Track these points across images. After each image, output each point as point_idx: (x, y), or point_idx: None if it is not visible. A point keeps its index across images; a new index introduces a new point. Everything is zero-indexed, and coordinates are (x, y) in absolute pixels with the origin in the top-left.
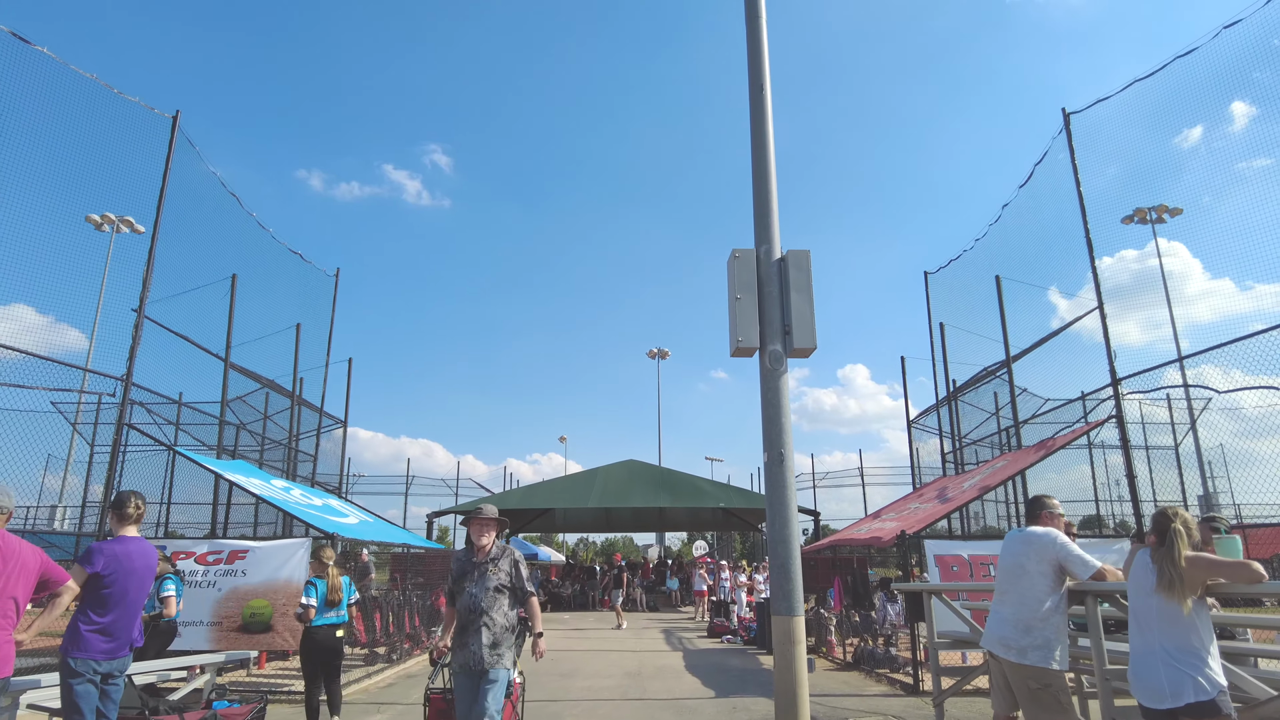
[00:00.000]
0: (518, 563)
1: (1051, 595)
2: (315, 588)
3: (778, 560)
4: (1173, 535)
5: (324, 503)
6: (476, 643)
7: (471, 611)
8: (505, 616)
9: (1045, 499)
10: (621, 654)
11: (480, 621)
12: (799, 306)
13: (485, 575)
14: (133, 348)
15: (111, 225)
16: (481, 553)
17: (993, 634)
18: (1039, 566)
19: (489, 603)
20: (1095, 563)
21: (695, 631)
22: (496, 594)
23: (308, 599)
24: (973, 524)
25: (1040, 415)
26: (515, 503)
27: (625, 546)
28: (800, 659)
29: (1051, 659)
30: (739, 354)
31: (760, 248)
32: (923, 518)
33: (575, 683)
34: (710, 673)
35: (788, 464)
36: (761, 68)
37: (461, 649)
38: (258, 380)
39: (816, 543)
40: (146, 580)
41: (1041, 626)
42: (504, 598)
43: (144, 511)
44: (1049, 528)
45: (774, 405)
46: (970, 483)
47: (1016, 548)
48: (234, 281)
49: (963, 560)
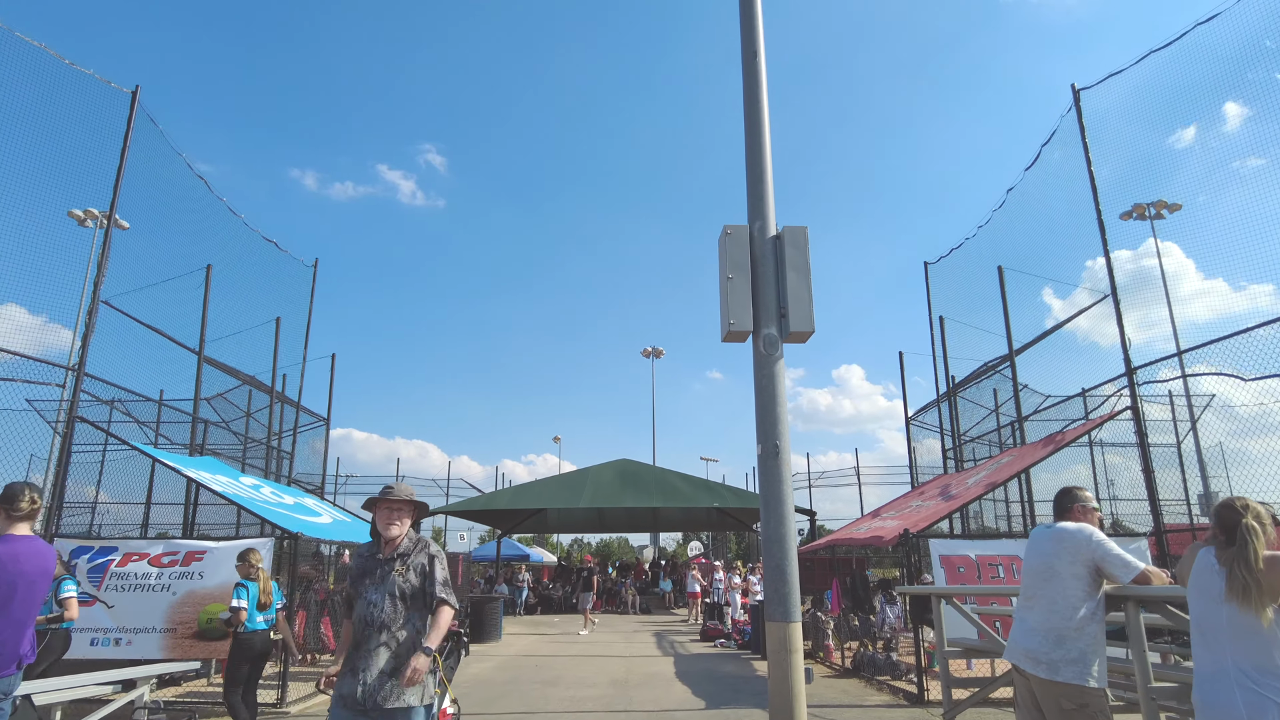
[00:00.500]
0: (434, 559)
1: (1087, 601)
2: (247, 590)
3: (773, 561)
4: (1245, 532)
5: (296, 501)
6: (370, 667)
7: (369, 624)
8: (415, 632)
9: (1077, 490)
10: (609, 659)
11: (379, 640)
12: (795, 287)
13: (390, 577)
14: (85, 335)
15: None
16: (389, 546)
17: (1018, 646)
18: (1072, 568)
19: (392, 614)
20: (1138, 564)
21: (688, 635)
22: (404, 602)
23: (239, 601)
24: (971, 524)
25: (1043, 410)
26: (505, 503)
27: (620, 548)
28: (797, 669)
29: (1088, 675)
30: (731, 339)
31: (754, 224)
32: (926, 516)
33: (557, 692)
34: (701, 680)
35: (783, 457)
36: (755, 34)
37: (349, 675)
38: (235, 375)
39: (813, 543)
40: (40, 585)
41: (1076, 637)
42: (416, 603)
43: (39, 507)
44: (1082, 523)
45: (768, 394)
46: (975, 479)
47: (1046, 546)
48: (208, 272)
49: (970, 561)
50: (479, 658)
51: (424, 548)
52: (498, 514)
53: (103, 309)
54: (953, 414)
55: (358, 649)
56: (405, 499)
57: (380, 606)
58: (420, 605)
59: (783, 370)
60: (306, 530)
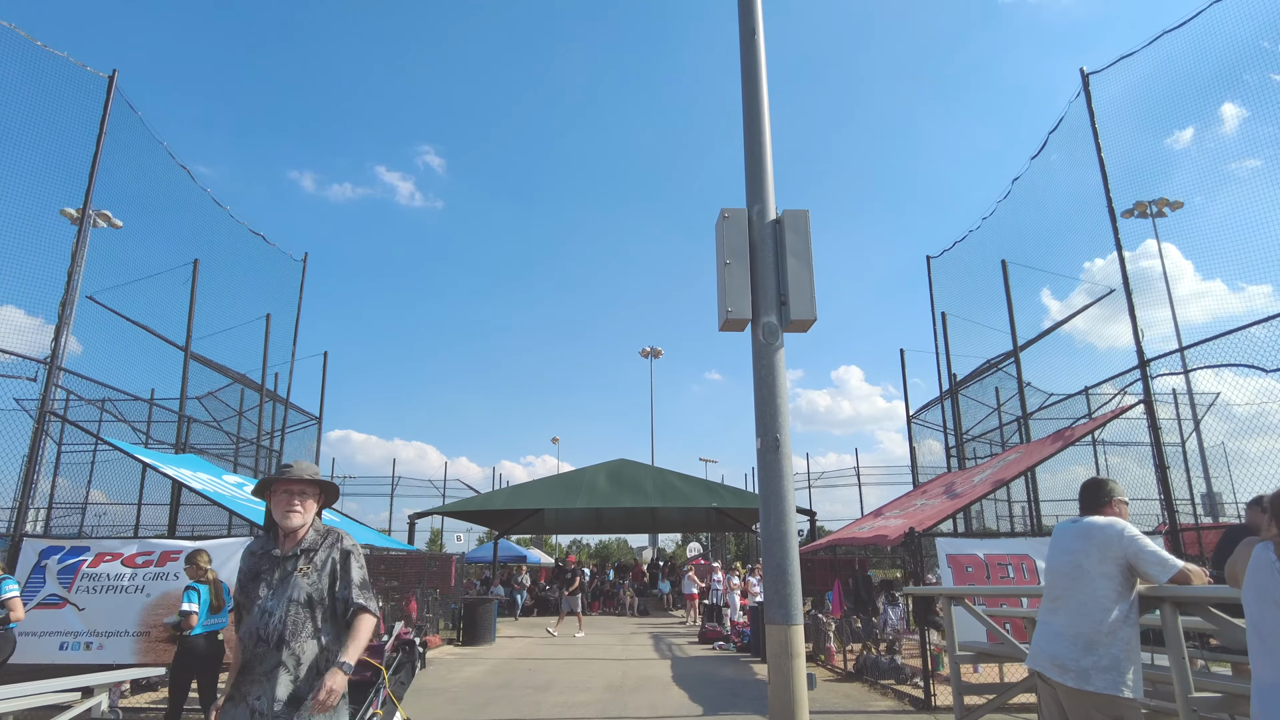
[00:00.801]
0: (349, 555)
1: (1119, 602)
2: (198, 593)
3: (773, 561)
4: None
5: None
6: (265, 695)
7: (261, 640)
8: (323, 648)
9: (1109, 482)
10: (605, 662)
11: (276, 659)
12: (797, 273)
13: (290, 579)
14: (59, 328)
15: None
16: (289, 541)
17: (1043, 651)
18: (1102, 566)
19: (293, 626)
20: (1176, 561)
21: (686, 637)
22: (308, 610)
23: (189, 604)
24: (973, 524)
25: (1047, 407)
26: (501, 503)
27: (619, 549)
28: (799, 675)
29: (1122, 684)
30: (728, 327)
31: (752, 207)
32: (932, 514)
33: (549, 697)
34: (699, 685)
35: (784, 451)
36: (753, 11)
37: (238, 704)
38: (225, 373)
39: (815, 542)
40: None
41: (1108, 642)
42: (320, 610)
43: None
44: (1113, 517)
45: (768, 385)
46: (981, 477)
47: (1072, 543)
48: (195, 267)
49: (978, 560)
50: (471, 660)
51: (335, 541)
52: (494, 515)
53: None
54: (955, 412)
55: (248, 672)
56: (309, 478)
57: (276, 616)
58: (331, 615)
59: (783, 360)
60: None
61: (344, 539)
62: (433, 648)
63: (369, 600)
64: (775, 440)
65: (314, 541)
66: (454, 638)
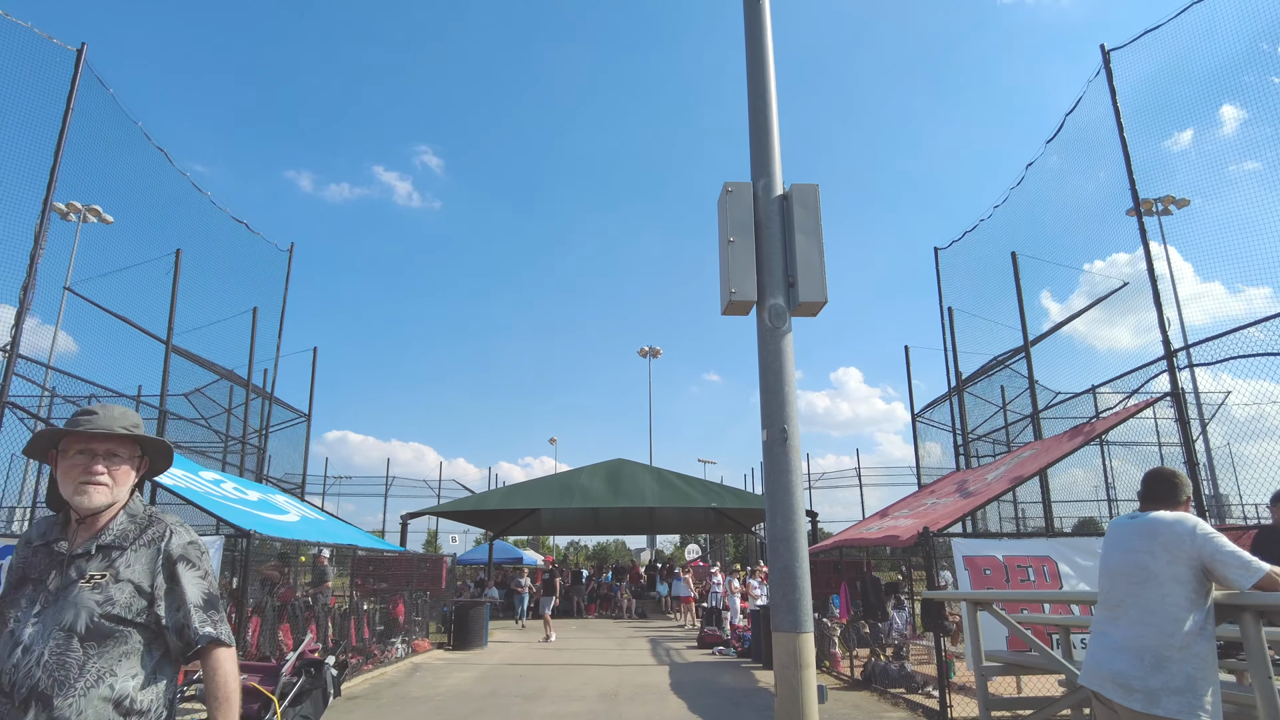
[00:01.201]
0: (183, 558)
1: (1193, 611)
2: None
3: (780, 562)
4: None
5: (261, 498)
6: None
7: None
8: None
9: (1178, 475)
10: (600, 669)
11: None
12: (806, 252)
13: (73, 590)
14: (19, 312)
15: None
16: (86, 530)
17: (1101, 668)
18: (1171, 569)
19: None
20: (1261, 565)
21: (684, 641)
22: (94, 645)
23: None
24: (978, 525)
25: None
26: (497, 503)
27: (617, 550)
28: (809, 687)
29: (1200, 709)
30: (732, 310)
31: (758, 181)
32: (945, 514)
33: (539, 707)
34: (698, 693)
35: (793, 444)
36: None
37: None
38: (209, 368)
39: (820, 543)
40: None
41: (1181, 659)
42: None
43: None
44: (1182, 514)
45: (775, 373)
46: (995, 474)
47: (1134, 542)
48: (178, 257)
49: (996, 563)
50: (460, 666)
51: (161, 535)
52: (490, 515)
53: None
54: (961, 410)
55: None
56: (121, 432)
57: (35, 653)
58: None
59: (790, 346)
60: (262, 528)
61: (176, 531)
62: (421, 652)
63: (219, 627)
64: (783, 432)
65: (124, 533)
66: (444, 642)
